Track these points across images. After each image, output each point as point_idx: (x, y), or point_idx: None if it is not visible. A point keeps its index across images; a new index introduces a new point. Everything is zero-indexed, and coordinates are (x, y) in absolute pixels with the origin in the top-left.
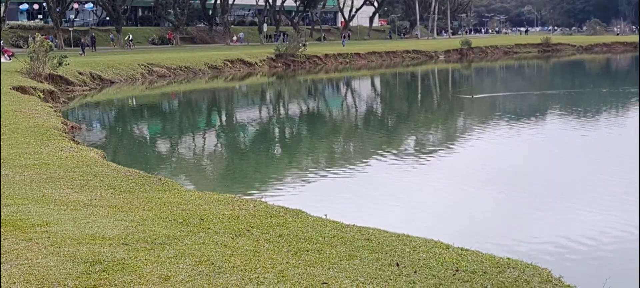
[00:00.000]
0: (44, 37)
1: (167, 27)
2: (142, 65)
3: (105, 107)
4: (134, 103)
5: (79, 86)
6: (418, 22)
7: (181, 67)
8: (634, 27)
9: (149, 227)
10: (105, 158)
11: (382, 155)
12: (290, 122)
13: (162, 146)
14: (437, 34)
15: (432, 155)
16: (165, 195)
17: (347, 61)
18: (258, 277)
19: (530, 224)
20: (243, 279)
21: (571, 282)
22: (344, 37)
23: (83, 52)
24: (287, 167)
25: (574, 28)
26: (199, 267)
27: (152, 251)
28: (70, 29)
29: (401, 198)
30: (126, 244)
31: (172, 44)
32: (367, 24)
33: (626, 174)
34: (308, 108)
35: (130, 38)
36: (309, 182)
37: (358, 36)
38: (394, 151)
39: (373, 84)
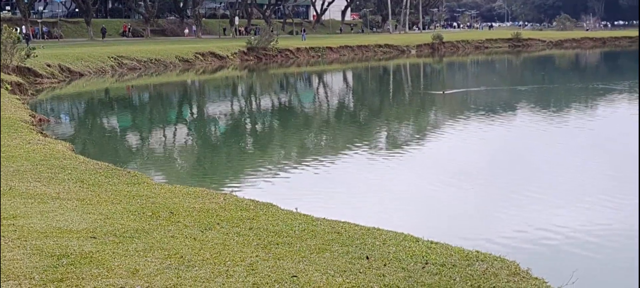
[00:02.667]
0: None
1: (137, 19)
2: (112, 57)
3: (74, 99)
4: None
5: (48, 78)
6: (390, 17)
7: (152, 59)
8: (602, 22)
9: (118, 220)
10: (73, 150)
11: (353, 149)
12: (262, 116)
13: (132, 139)
14: (409, 29)
15: (403, 150)
16: (134, 188)
17: (319, 54)
18: (227, 270)
19: (500, 218)
20: (212, 272)
21: (539, 275)
22: (304, 30)
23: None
24: (259, 161)
25: (544, 23)
26: (168, 260)
27: (120, 244)
28: (39, 20)
29: (372, 192)
30: (94, 237)
31: (127, 36)
32: (339, 18)
33: (595, 169)
34: (280, 102)
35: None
36: (280, 176)
37: (330, 30)
38: (365, 146)
39: (345, 78)
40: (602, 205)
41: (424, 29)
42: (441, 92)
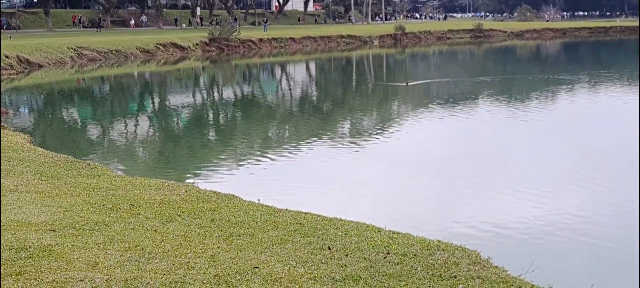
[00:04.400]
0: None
1: (97, 9)
2: (72, 48)
3: (33, 91)
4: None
5: (5, 69)
6: (352, 7)
7: (112, 50)
8: (563, 13)
9: (77, 213)
10: (32, 143)
11: (316, 140)
12: (225, 107)
13: (93, 131)
14: (372, 19)
15: (365, 140)
16: (94, 180)
17: (282, 45)
18: (188, 262)
19: (462, 208)
20: (173, 264)
21: (499, 263)
22: (266, 21)
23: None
24: (221, 152)
25: (505, 14)
26: (128, 253)
27: (79, 237)
28: None
29: (334, 183)
30: (53, 230)
31: (77, 26)
32: (301, 8)
33: (556, 159)
34: (243, 93)
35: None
36: (243, 167)
37: (292, 21)
38: (328, 137)
39: (308, 69)
40: (562, 194)
41: (386, 19)
42: (405, 83)
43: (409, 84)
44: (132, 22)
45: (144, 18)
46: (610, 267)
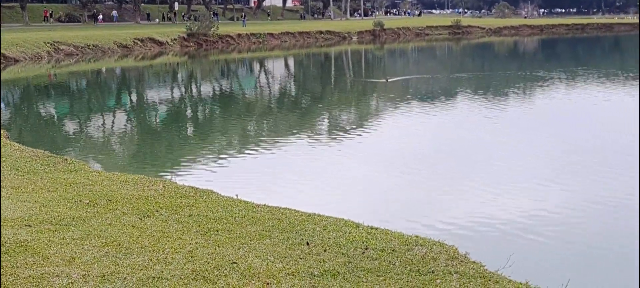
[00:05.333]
0: None
1: (74, 4)
2: (48, 43)
3: (9, 86)
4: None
5: None
6: (331, 3)
7: (89, 45)
8: (540, 10)
9: (54, 208)
10: (8, 138)
11: (295, 136)
12: (203, 102)
13: (70, 126)
14: (350, 15)
15: (345, 137)
16: (71, 175)
17: (260, 41)
18: (166, 258)
19: (440, 203)
20: (151, 260)
21: (477, 259)
22: (245, 16)
23: None
24: (199, 148)
25: (483, 11)
26: (105, 248)
27: (56, 232)
28: None
29: (313, 178)
30: (29, 226)
31: (48, 21)
32: (280, 4)
33: (534, 155)
34: (221, 88)
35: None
36: (221, 163)
37: (271, 16)
38: (307, 133)
39: (286, 65)
40: (540, 191)
41: (365, 15)
42: (384, 80)
43: (388, 80)
44: (100, 17)
45: (114, 13)
46: (586, 263)
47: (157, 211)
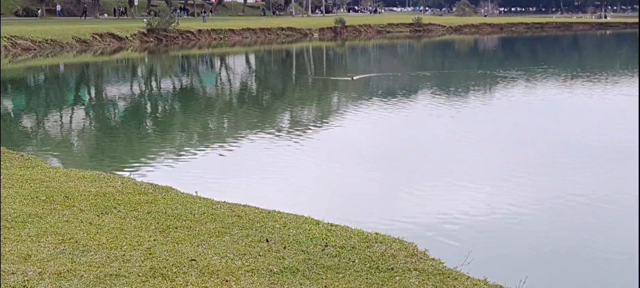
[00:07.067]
0: None
1: None
2: (5, 37)
3: None
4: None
5: None
6: (292, 0)
7: (47, 40)
8: (500, 8)
9: (10, 205)
10: None
11: (255, 133)
12: (163, 98)
13: (27, 122)
14: (312, 12)
15: (304, 134)
16: (27, 171)
17: (221, 37)
18: (124, 255)
19: (399, 201)
20: (108, 257)
21: (435, 256)
22: (204, 13)
23: None
24: (158, 144)
25: (444, 9)
26: (62, 245)
27: (12, 229)
28: None
29: (273, 175)
30: None
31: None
32: (241, 1)
33: (493, 153)
34: (181, 84)
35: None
36: (181, 159)
37: (232, 12)
38: (268, 129)
39: (248, 61)
40: (499, 188)
41: (327, 12)
42: (350, 77)
43: (353, 78)
44: (39, 11)
45: (58, 7)
46: (544, 259)
47: (115, 208)
